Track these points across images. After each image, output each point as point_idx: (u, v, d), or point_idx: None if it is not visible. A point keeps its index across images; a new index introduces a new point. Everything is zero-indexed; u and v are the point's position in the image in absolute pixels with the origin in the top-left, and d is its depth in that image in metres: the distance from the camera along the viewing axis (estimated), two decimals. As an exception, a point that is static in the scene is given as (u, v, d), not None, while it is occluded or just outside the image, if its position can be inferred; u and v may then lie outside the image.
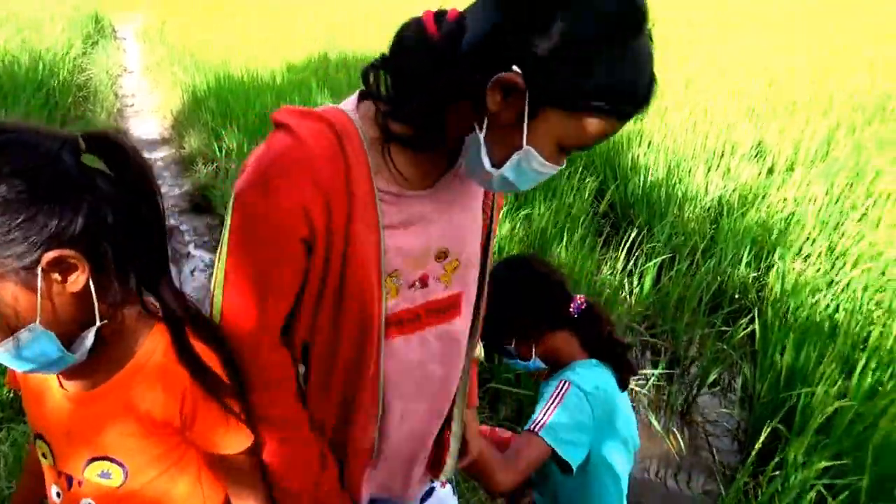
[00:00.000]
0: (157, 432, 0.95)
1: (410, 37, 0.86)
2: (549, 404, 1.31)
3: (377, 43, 9.96)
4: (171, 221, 5.04)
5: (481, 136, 0.82)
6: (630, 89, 0.78)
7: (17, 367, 0.83)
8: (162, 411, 0.93)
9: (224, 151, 5.47)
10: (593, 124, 0.78)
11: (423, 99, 0.84)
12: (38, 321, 0.79)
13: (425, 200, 0.94)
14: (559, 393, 1.32)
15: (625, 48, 0.75)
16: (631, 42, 0.76)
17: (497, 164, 0.83)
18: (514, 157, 0.81)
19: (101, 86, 8.56)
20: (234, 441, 0.98)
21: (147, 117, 8.28)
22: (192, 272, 4.27)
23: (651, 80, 0.80)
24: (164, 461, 0.97)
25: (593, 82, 0.75)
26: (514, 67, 0.74)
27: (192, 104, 7.10)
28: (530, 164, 0.82)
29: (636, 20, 0.75)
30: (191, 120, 6.74)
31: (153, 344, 0.92)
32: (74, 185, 0.80)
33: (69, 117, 6.65)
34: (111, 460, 0.94)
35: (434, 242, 0.97)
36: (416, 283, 0.98)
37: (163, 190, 4.36)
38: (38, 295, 0.78)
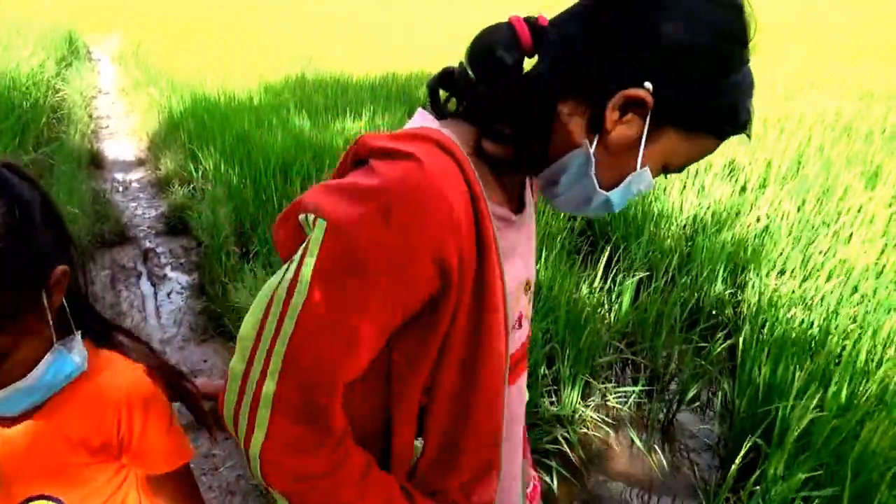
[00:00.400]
0: (94, 461, 0.91)
1: (503, 48, 0.76)
2: None
3: (353, 64, 10.02)
4: (148, 244, 4.98)
5: (593, 155, 0.76)
6: (745, 109, 0.75)
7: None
8: (99, 435, 0.89)
9: (200, 172, 5.43)
10: (705, 145, 0.76)
11: (529, 119, 0.77)
12: None
13: (518, 226, 0.86)
14: None
15: (742, 67, 0.73)
16: (747, 62, 0.74)
17: (603, 185, 0.78)
18: (629, 178, 0.77)
19: (75, 107, 8.48)
20: (175, 455, 0.96)
21: (122, 139, 8.21)
22: (168, 295, 4.21)
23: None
24: (103, 492, 0.94)
25: (719, 102, 0.73)
26: (647, 84, 0.70)
27: (168, 125, 7.06)
28: (639, 186, 0.78)
29: (748, 39, 0.73)
30: (167, 141, 6.69)
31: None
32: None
33: (42, 139, 6.57)
34: (48, 498, 0.91)
35: (525, 273, 0.88)
36: (516, 324, 0.87)
37: (139, 212, 4.35)
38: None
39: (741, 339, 3.02)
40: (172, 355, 3.49)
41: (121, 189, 6.30)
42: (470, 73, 0.79)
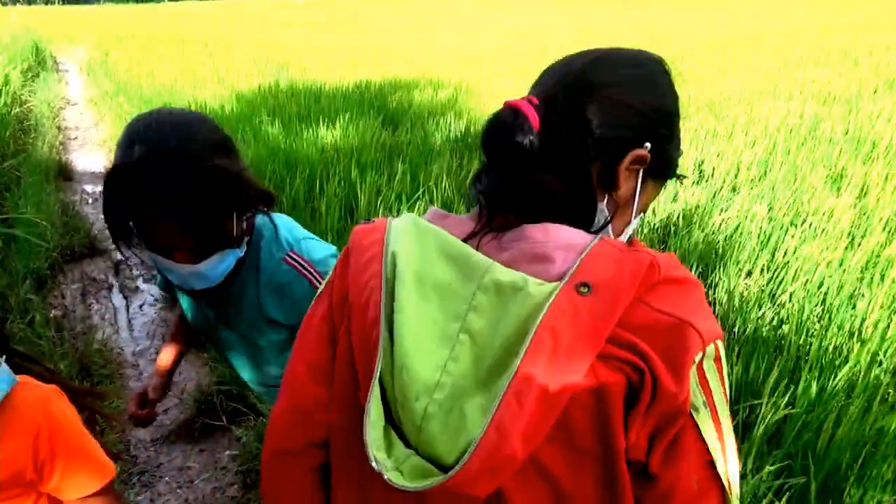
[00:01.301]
0: (2, 495, 0.88)
1: (521, 134, 0.81)
2: None
3: (327, 73, 10.01)
4: (119, 256, 4.91)
5: (605, 209, 0.85)
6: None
7: None
8: (11, 464, 0.85)
9: (173, 183, 5.37)
10: (658, 189, 0.91)
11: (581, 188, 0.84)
12: None
13: None
14: None
15: None
16: None
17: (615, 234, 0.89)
18: (631, 225, 0.89)
19: (42, 118, 8.35)
20: (100, 474, 0.94)
21: (92, 150, 8.09)
22: (140, 307, 4.15)
23: None
24: None
25: (679, 153, 0.90)
26: (647, 144, 0.83)
27: (138, 136, 6.97)
28: (631, 231, 0.91)
29: None
30: (137, 152, 6.61)
31: None
32: None
33: (9, 151, 6.45)
34: None
35: None
36: None
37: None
38: None
39: (713, 339, 3.07)
40: (146, 368, 3.44)
41: (90, 201, 6.20)
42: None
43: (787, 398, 2.46)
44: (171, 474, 2.69)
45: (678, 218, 4.46)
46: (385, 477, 0.72)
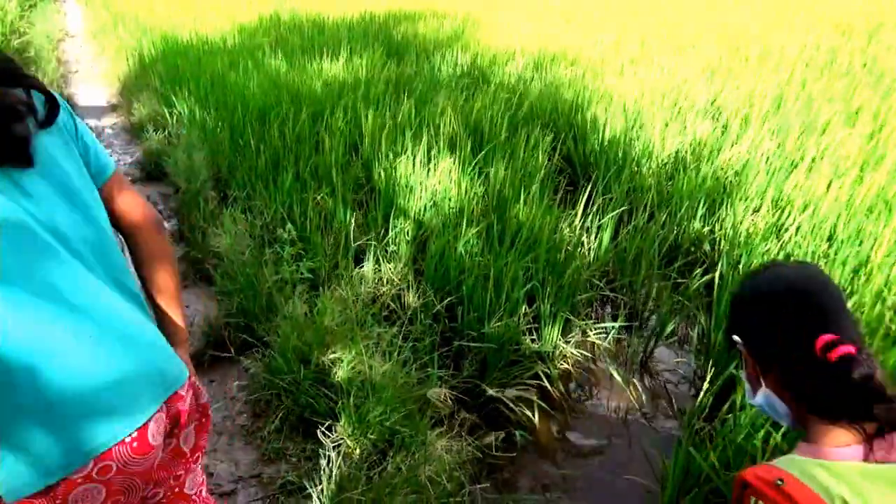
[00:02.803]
0: None
1: None
2: None
3: (330, 4, 9.71)
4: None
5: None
6: None
7: None
8: None
9: (175, 117, 5.31)
10: None
11: None
12: None
13: None
14: None
15: None
16: None
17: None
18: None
19: (41, 51, 8.19)
20: None
21: (93, 84, 7.98)
22: (147, 241, 4.17)
23: None
24: None
25: None
26: None
27: (139, 69, 6.86)
28: None
29: None
30: (139, 85, 6.52)
31: None
32: None
33: (9, 85, 6.35)
34: None
35: None
36: None
37: (113, 158, 4.24)
38: None
39: (718, 274, 3.07)
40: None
41: (94, 136, 6.16)
42: None
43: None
44: (183, 403, 2.76)
45: (687, 151, 4.39)
46: None
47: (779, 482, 0.88)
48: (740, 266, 3.20)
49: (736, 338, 1.06)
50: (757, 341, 1.04)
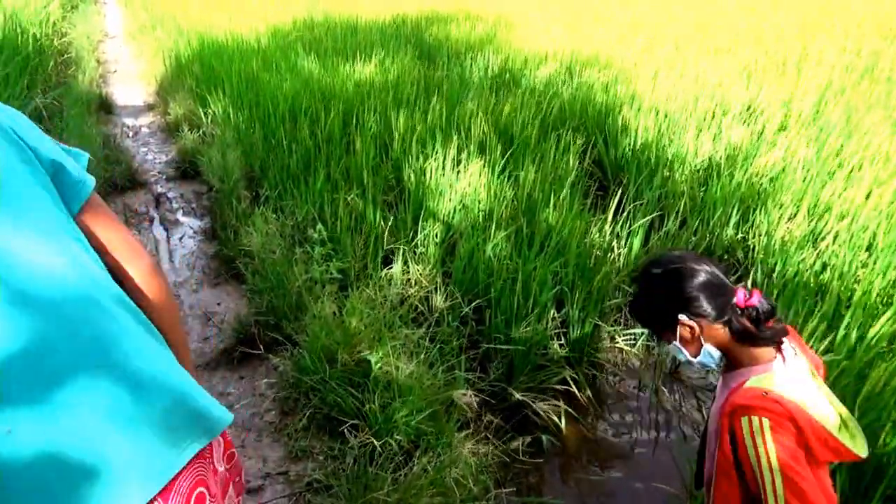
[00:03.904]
0: None
1: None
2: None
3: (363, 6, 9.77)
4: (159, 188, 5.00)
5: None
6: None
7: None
8: None
9: (209, 117, 5.40)
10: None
11: None
12: None
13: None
14: None
15: None
16: None
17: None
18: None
19: (82, 51, 8.39)
20: None
21: (131, 83, 8.14)
22: (180, 239, 4.25)
23: None
24: None
25: None
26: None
27: (175, 70, 6.98)
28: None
29: None
30: (175, 85, 6.63)
31: None
32: None
33: (50, 84, 6.53)
34: None
35: None
36: None
37: (149, 157, 4.35)
38: None
39: (751, 282, 3.02)
40: (186, 298, 3.54)
41: (131, 134, 6.28)
42: None
43: (825, 343, 2.42)
44: (212, 399, 2.79)
45: (721, 157, 4.32)
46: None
47: (763, 393, 1.23)
48: (774, 274, 3.14)
49: (682, 316, 1.33)
50: (696, 308, 1.32)
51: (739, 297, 1.32)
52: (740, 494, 1.29)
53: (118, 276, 1.09)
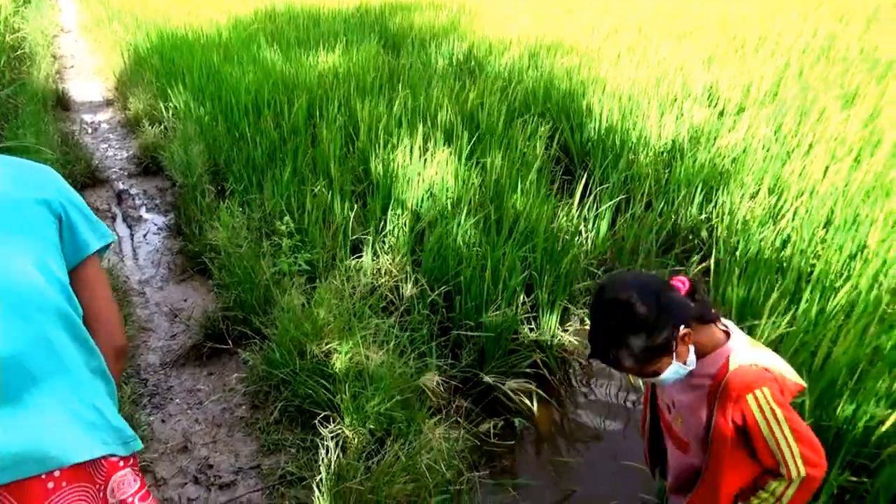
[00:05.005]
0: None
1: None
2: None
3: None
4: (121, 185, 4.90)
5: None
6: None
7: None
8: None
9: (171, 111, 5.30)
10: None
11: None
12: None
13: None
14: None
15: None
16: None
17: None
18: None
19: (36, 46, 8.16)
20: None
21: (88, 78, 7.96)
22: (144, 236, 4.17)
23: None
24: None
25: None
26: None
27: (134, 64, 6.84)
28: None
29: None
30: (134, 80, 6.50)
31: None
32: None
33: (3, 81, 6.33)
34: None
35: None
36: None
37: (109, 153, 4.28)
38: None
39: (714, 261, 3.07)
40: (152, 296, 3.49)
41: (90, 130, 6.15)
42: None
43: (787, 317, 2.48)
44: (182, 396, 2.76)
45: (684, 139, 4.38)
46: None
47: (754, 367, 1.28)
48: (737, 252, 3.20)
49: (682, 326, 1.27)
50: (687, 312, 1.29)
51: (682, 286, 1.33)
52: (747, 472, 1.34)
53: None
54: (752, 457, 1.32)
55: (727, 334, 1.37)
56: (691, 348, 1.32)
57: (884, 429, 2.02)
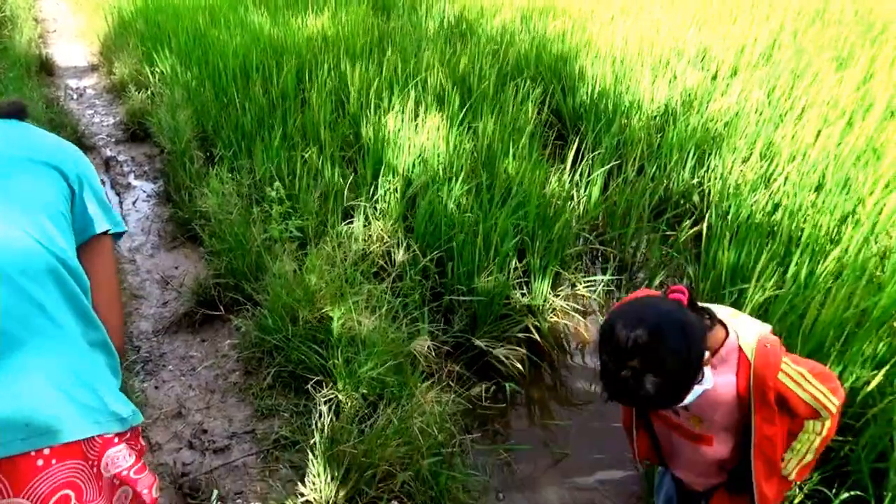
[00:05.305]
0: None
1: None
2: None
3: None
4: (108, 152, 4.83)
5: None
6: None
7: None
8: None
9: (157, 76, 5.21)
10: None
11: None
12: None
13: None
14: None
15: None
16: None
17: None
18: None
19: (17, 10, 7.95)
20: None
21: (72, 42, 7.80)
22: (133, 203, 4.13)
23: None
24: None
25: None
26: None
27: (119, 27, 6.69)
28: None
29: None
30: (119, 44, 6.36)
31: None
32: None
33: (-15, 45, 6.20)
34: None
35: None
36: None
37: (96, 119, 4.20)
38: None
39: (706, 225, 3.08)
40: (143, 263, 3.47)
41: (75, 96, 6.04)
42: None
43: (775, 280, 2.49)
44: (175, 363, 2.77)
45: (677, 103, 4.35)
46: None
47: (767, 346, 1.31)
48: (728, 216, 3.20)
49: (706, 354, 1.24)
50: (702, 348, 1.22)
51: (683, 296, 1.29)
52: (786, 427, 1.38)
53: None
54: (790, 414, 1.36)
55: (722, 325, 1.36)
56: (707, 367, 1.27)
57: (869, 389, 2.05)
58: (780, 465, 1.40)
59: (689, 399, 1.23)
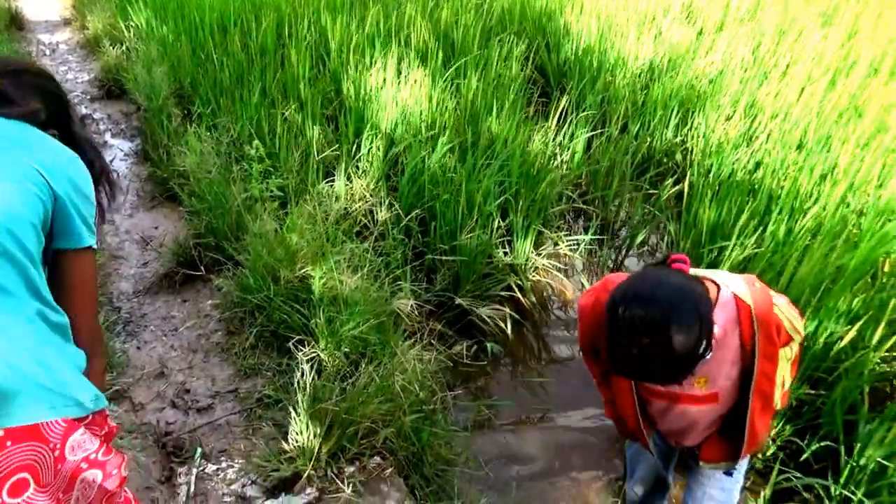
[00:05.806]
0: None
1: None
2: None
3: None
4: (83, 110, 4.73)
5: None
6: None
7: None
8: None
9: (132, 31, 5.06)
10: None
11: None
12: None
13: None
14: None
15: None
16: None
17: None
18: None
19: (-17, -39, 7.65)
20: None
21: (42, -5, 7.54)
22: (111, 162, 4.06)
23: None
24: None
25: None
26: None
27: (90, -22, 6.47)
28: None
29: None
30: (92, -3, 6.16)
31: None
32: None
33: (-49, -2, 5.99)
34: None
35: None
36: None
37: (70, 76, 4.08)
38: None
39: (688, 184, 3.09)
40: (122, 223, 3.43)
41: (48, 52, 5.87)
42: None
43: (754, 238, 2.52)
44: (156, 323, 2.76)
45: (662, 60, 4.31)
46: None
47: (755, 285, 1.35)
48: (710, 174, 3.21)
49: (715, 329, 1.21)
50: (711, 322, 1.20)
51: (685, 265, 1.31)
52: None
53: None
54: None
55: (714, 283, 1.35)
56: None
57: (842, 344, 2.10)
58: (774, 398, 1.43)
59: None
